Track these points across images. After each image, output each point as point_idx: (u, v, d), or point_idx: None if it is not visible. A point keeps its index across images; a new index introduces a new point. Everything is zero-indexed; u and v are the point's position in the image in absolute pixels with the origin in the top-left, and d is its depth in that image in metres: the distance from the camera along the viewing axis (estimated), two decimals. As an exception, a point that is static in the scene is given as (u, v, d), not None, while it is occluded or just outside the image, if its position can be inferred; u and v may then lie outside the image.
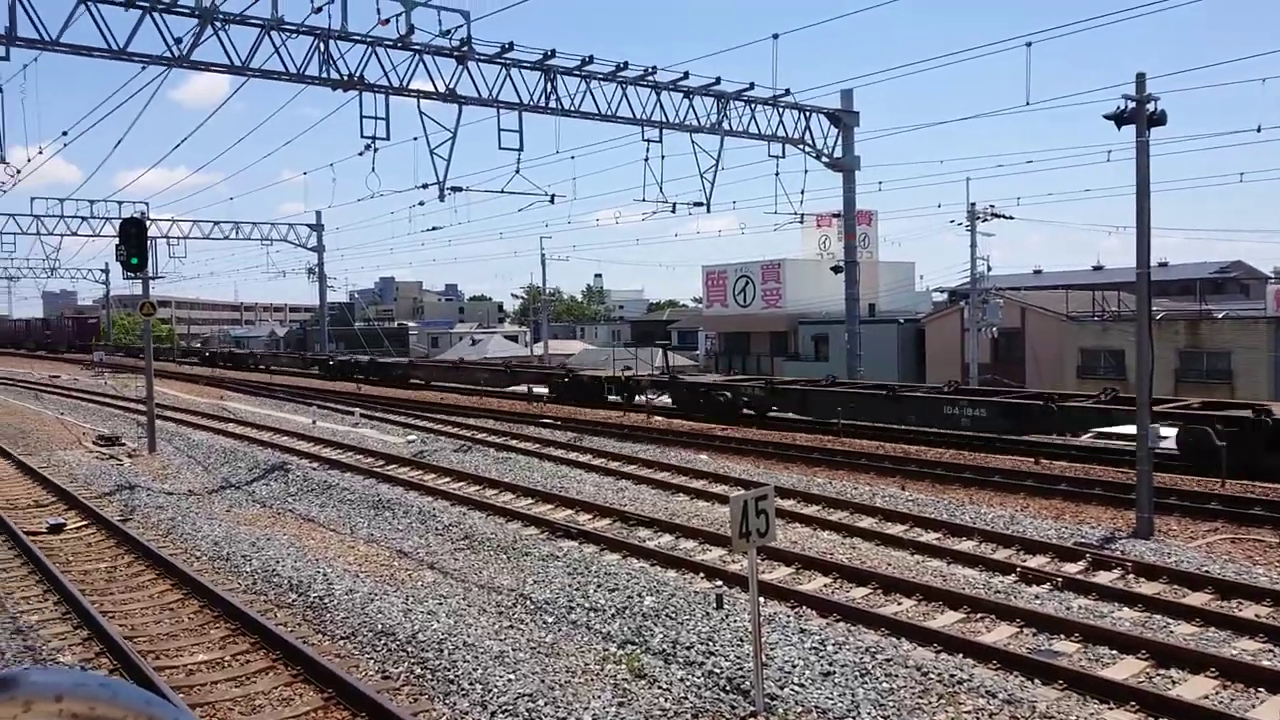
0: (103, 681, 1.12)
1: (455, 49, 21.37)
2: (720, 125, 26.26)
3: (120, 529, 13.90)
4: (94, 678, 1.12)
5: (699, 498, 15.99)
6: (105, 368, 52.17)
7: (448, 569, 11.84)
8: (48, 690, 1.06)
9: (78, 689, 1.08)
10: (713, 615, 9.61)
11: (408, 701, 7.81)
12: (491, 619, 9.77)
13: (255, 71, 19.25)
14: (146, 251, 21.58)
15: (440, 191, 22.88)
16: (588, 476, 18.12)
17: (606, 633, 9.29)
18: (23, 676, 1.07)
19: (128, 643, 9.16)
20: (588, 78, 23.78)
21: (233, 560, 12.45)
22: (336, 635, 9.49)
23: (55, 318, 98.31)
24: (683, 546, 12.89)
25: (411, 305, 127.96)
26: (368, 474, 18.63)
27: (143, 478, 18.90)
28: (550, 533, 13.63)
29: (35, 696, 1.05)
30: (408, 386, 40.34)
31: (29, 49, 17.10)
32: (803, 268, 53.65)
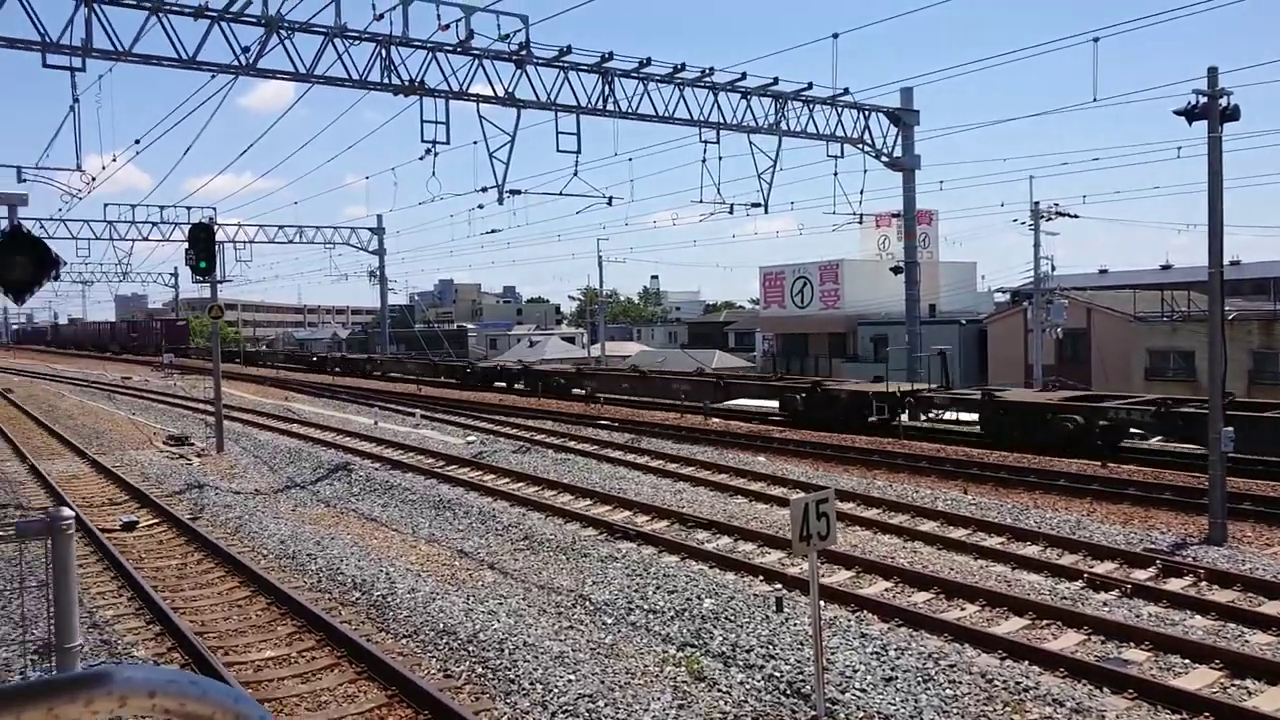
0: (193, 679, 1.16)
1: (514, 53, 21.55)
2: (778, 125, 26.14)
3: (190, 527, 14.24)
4: (185, 675, 1.15)
5: (757, 500, 15.92)
6: (174, 369, 53.47)
7: (508, 569, 11.94)
8: (142, 686, 1.10)
9: (170, 686, 1.12)
10: (772, 618, 9.57)
11: (469, 700, 7.89)
12: (551, 619, 9.83)
13: (319, 78, 19.60)
14: (214, 255, 22.08)
15: (499, 194, 23.10)
16: (645, 478, 18.14)
17: (666, 634, 9.30)
18: (116, 672, 1.10)
19: (198, 638, 9.38)
20: (645, 79, 23.82)
21: (298, 559, 12.68)
22: (399, 634, 9.62)
23: (143, 319, 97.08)
24: (741, 549, 12.85)
25: (470, 307, 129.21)
26: (429, 474, 18.85)
27: (211, 477, 19.34)
28: (609, 534, 13.67)
29: (130, 692, 1.09)
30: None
31: (104, 60, 17.60)
32: (861, 268, 53.18)
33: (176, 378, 48.81)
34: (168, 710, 1.11)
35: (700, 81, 24.55)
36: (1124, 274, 63.84)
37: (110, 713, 1.09)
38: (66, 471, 19.90)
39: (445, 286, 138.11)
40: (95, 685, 1.06)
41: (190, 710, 1.11)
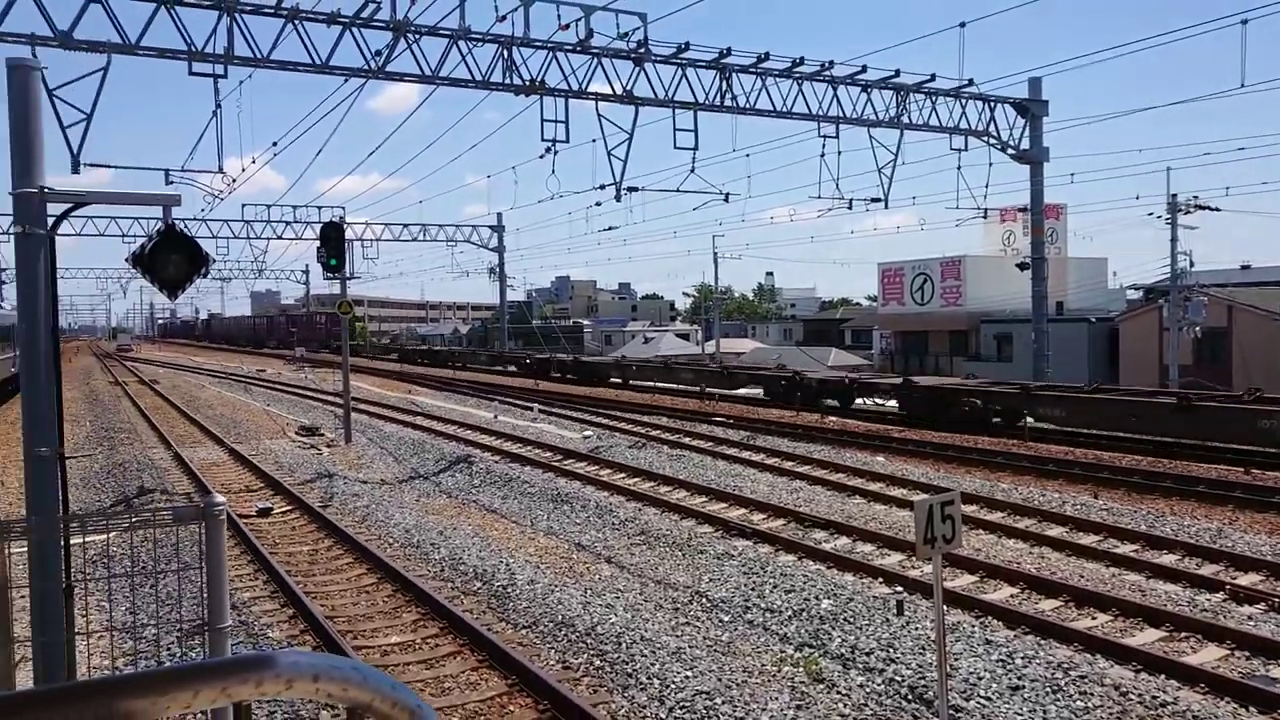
0: (354, 665, 1.20)
1: (632, 51, 21.68)
2: (899, 119, 25.63)
3: (321, 514, 14.80)
4: (347, 662, 1.20)
5: (876, 500, 15.65)
6: (305, 363, 55.67)
7: (625, 564, 12.03)
8: (307, 670, 1.14)
9: (333, 671, 1.16)
10: (893, 621, 9.39)
11: (587, 692, 7.98)
12: (668, 615, 9.87)
13: (444, 79, 20.10)
14: (344, 253, 22.90)
15: (617, 192, 23.28)
16: (761, 476, 18.03)
17: (783, 634, 9.22)
18: (280, 657, 1.15)
19: (329, 622, 9.74)
20: (763, 75, 23.66)
21: (422, 548, 13.05)
22: (519, 624, 9.80)
23: (303, 313, 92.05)
24: (860, 550, 12.65)
25: (586, 303, 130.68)
26: (547, 468, 19.14)
27: (340, 467, 20.06)
28: (725, 531, 13.64)
29: (296, 676, 1.14)
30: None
31: (244, 67, 18.44)
32: (984, 264, 51.71)
33: (307, 371, 50.81)
34: (330, 695, 1.15)
35: (819, 75, 24.26)
36: (1269, 270, 60.33)
37: (276, 694, 1.14)
38: (207, 459, 20.93)
39: (562, 283, 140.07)
40: (264, 668, 1.11)
41: (352, 696, 1.16)
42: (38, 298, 4.07)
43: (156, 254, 4.19)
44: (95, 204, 4.41)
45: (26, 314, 4.06)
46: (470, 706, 7.74)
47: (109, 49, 17.05)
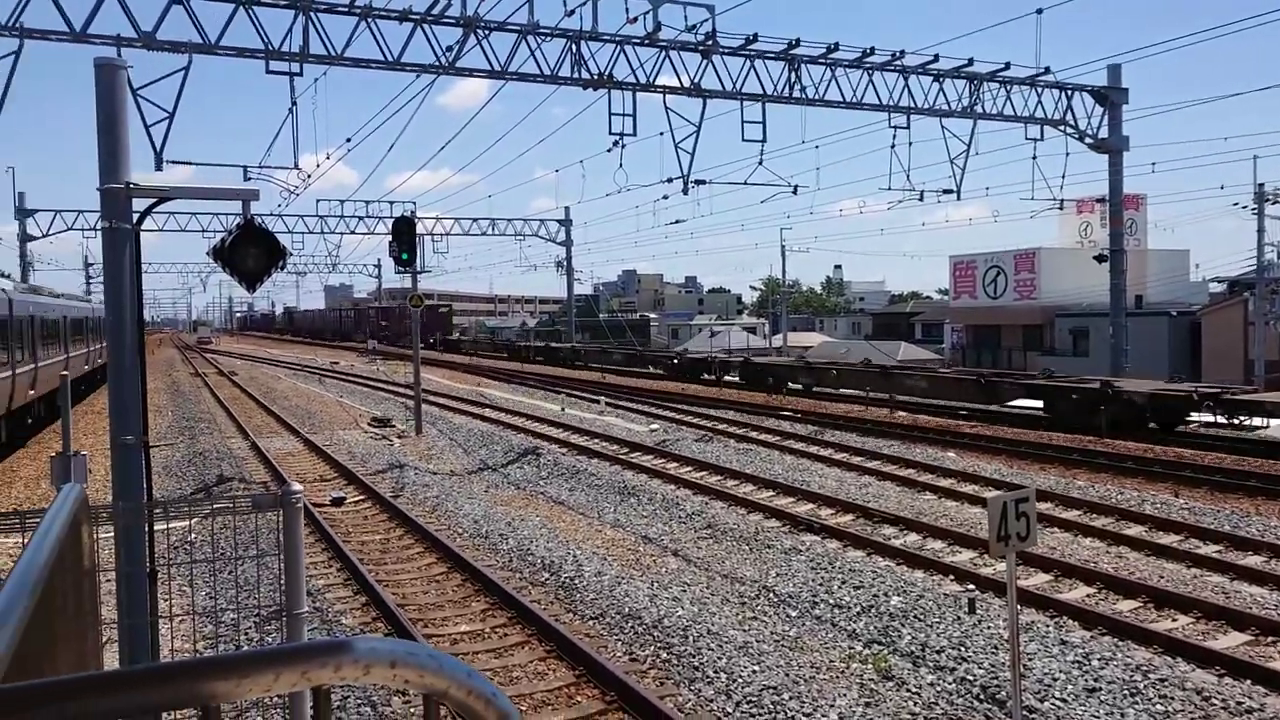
0: (431, 653, 1.20)
1: (700, 43, 21.61)
2: (972, 108, 25.16)
3: (392, 504, 15.05)
4: (423, 648, 1.20)
5: (947, 497, 15.41)
6: (378, 355, 56.65)
7: (691, 557, 12.02)
8: (385, 656, 1.15)
9: (410, 657, 1.17)
10: (964, 619, 9.24)
11: (654, 685, 7.99)
12: (735, 609, 9.83)
13: (513, 75, 20.26)
14: (415, 247, 23.22)
15: (684, 185, 23.25)
16: (829, 471, 17.87)
17: (852, 630, 9.13)
18: (357, 643, 1.16)
19: (400, 610, 9.90)
20: (833, 65, 23.42)
21: (491, 538, 13.19)
22: (586, 615, 9.85)
23: (395, 305, 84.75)
24: (930, 547, 12.46)
25: (652, 297, 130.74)
26: (613, 460, 19.21)
27: (410, 457, 20.37)
28: (793, 526, 13.55)
29: (375, 661, 1.15)
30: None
31: (319, 65, 18.79)
32: (1060, 257, 50.49)
33: (379, 363, 51.68)
34: (407, 681, 1.16)
35: (890, 65, 23.93)
36: (1364, 261, 57.87)
37: (355, 680, 1.15)
38: (283, 449, 21.41)
39: (628, 277, 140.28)
40: (343, 652, 1.12)
41: (428, 682, 1.16)
42: (124, 291, 4.19)
43: (236, 247, 4.29)
44: (178, 199, 4.51)
45: (113, 306, 4.19)
46: (538, 696, 7.80)
47: (190, 49, 17.51)
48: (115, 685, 1.02)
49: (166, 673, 1.05)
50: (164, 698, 1.05)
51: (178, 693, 1.04)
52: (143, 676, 1.05)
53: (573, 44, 20.71)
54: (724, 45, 21.90)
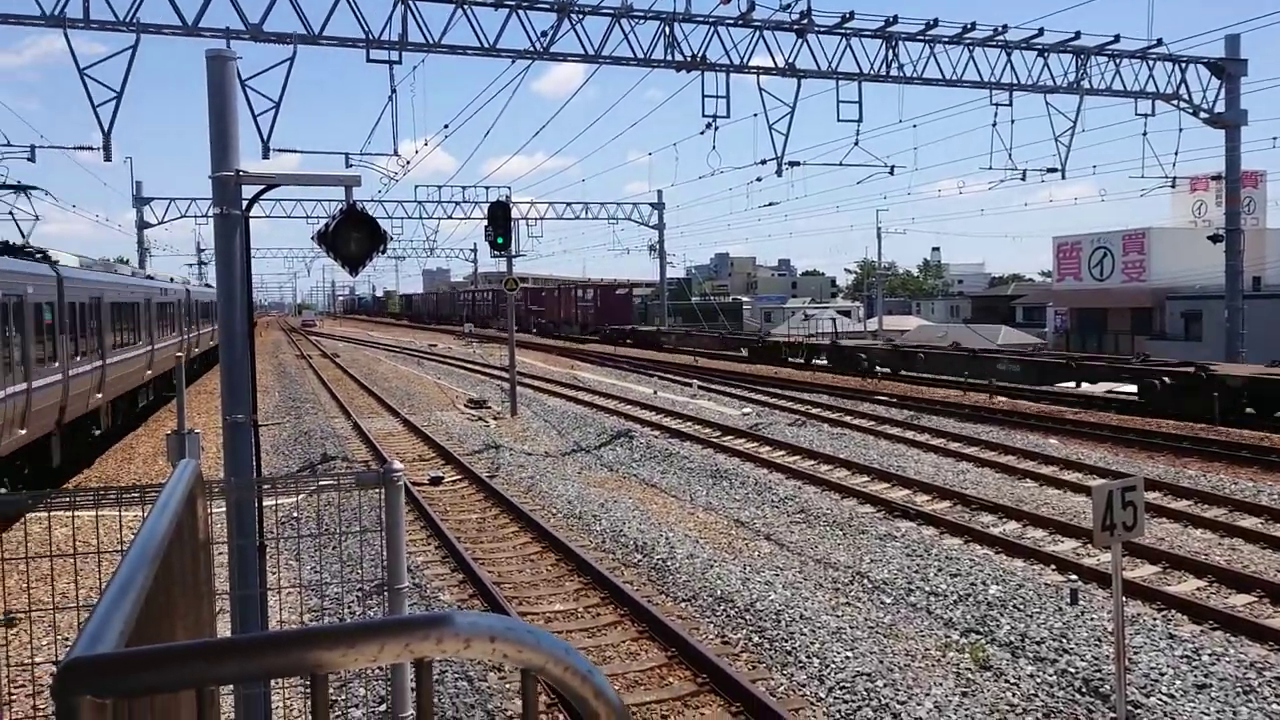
0: (529, 629, 1.23)
1: (795, 23, 21.35)
2: (1079, 84, 24.32)
3: (488, 484, 15.33)
4: (522, 624, 1.23)
5: (1048, 484, 15.00)
6: (474, 338, 57.66)
7: (784, 541, 11.97)
8: (485, 630, 1.18)
9: (509, 633, 1.20)
10: (1065, 610, 9.00)
11: (745, 668, 7.99)
12: (828, 594, 9.76)
13: (606, 59, 20.31)
14: (510, 232, 23.52)
15: (778, 166, 23.05)
16: (926, 456, 17.57)
17: (948, 619, 8.98)
18: (458, 617, 1.19)
19: (495, 587, 10.10)
20: (931, 42, 22.88)
21: (584, 519, 13.33)
22: (678, 597, 9.90)
23: (554, 288, 71.85)
24: (1030, 535, 12.16)
25: (745, 280, 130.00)
26: (705, 444, 19.22)
27: (506, 439, 20.71)
28: (887, 512, 13.37)
29: (475, 635, 1.18)
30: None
31: (417, 52, 19.14)
32: (1171, 237, 48.51)
33: (476, 345, 52.61)
34: (506, 655, 1.18)
35: (992, 41, 23.28)
36: None
37: (456, 653, 1.18)
38: (383, 429, 21.99)
39: (721, 260, 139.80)
40: (445, 625, 1.15)
41: (526, 657, 1.19)
42: (234, 275, 4.36)
43: (339, 232, 4.41)
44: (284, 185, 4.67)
45: (224, 290, 4.36)
46: (630, 676, 7.88)
47: (295, 40, 18.01)
48: (234, 651, 1.07)
49: (280, 640, 1.10)
50: (278, 665, 1.09)
51: (290, 660, 1.09)
52: (259, 643, 1.09)
53: (666, 26, 20.67)
54: (819, 24, 21.59)
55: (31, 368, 13.69)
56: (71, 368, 15.69)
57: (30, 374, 13.65)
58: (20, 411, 13.29)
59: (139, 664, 1.07)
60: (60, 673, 1.02)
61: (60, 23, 16.99)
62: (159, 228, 51.05)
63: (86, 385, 16.85)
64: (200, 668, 1.06)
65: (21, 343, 13.40)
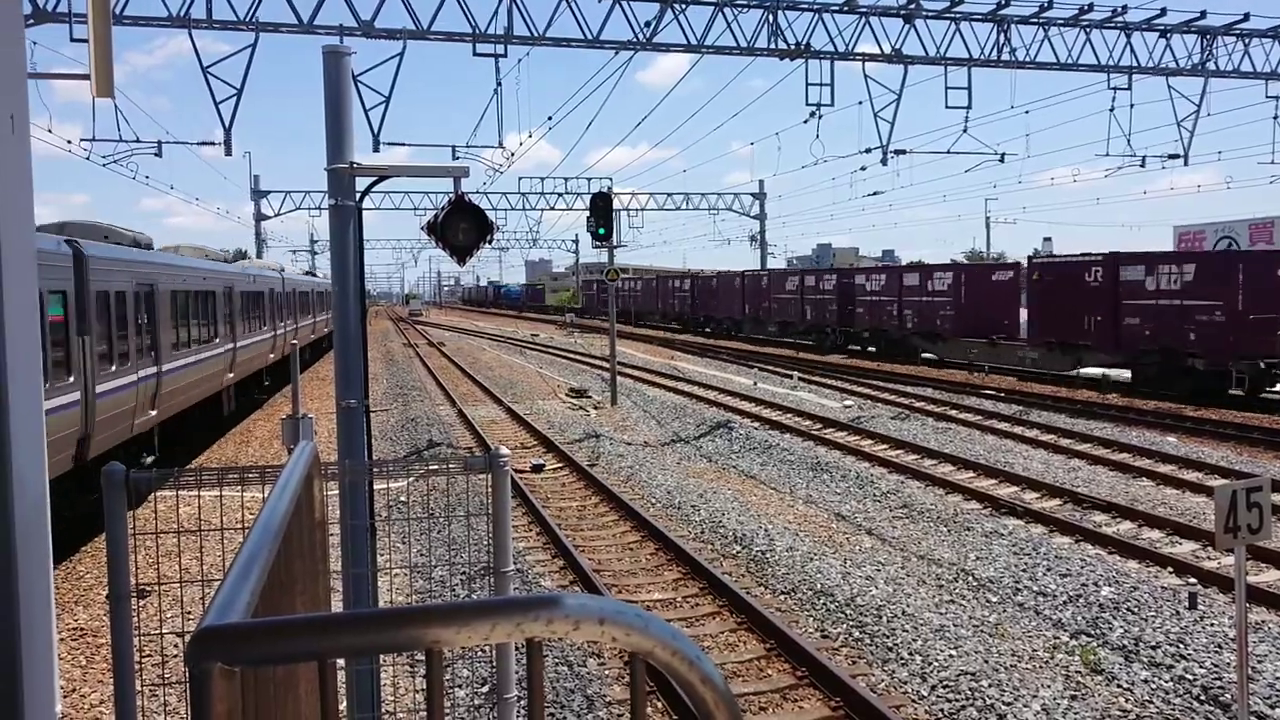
0: (638, 612, 1.24)
1: (902, 8, 20.92)
2: (1204, 65, 23.23)
3: (588, 473, 15.48)
4: (630, 608, 1.24)
5: (1165, 484, 14.42)
6: (575, 328, 58.25)
7: (885, 536, 11.79)
8: (594, 613, 1.20)
9: (618, 615, 1.21)
10: (1183, 615, 8.66)
11: (846, 663, 7.91)
12: (931, 591, 9.58)
13: (710, 48, 20.24)
14: (612, 222, 23.66)
15: (883, 155, 22.63)
16: (1035, 453, 17.07)
17: (1057, 620, 8.73)
18: (566, 598, 1.21)
19: (595, 575, 10.21)
20: (1045, 25, 22.15)
21: (683, 509, 13.36)
22: (778, 590, 9.84)
23: (714, 275, 54.88)
24: (1146, 536, 11.71)
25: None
26: (806, 436, 19.04)
27: (605, 428, 20.87)
28: (994, 509, 13.04)
29: (584, 617, 1.19)
30: None
31: (522, 45, 19.39)
32: (1305, 226, 45.99)
33: (576, 335, 53.13)
34: (614, 639, 1.20)
35: (1110, 22, 22.41)
36: None
37: (564, 634, 1.20)
38: (486, 417, 22.40)
39: (823, 250, 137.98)
40: (554, 607, 1.17)
41: (634, 641, 1.20)
42: (348, 265, 4.49)
43: (448, 222, 4.51)
44: (395, 177, 4.79)
45: (339, 279, 4.50)
46: (729, 667, 7.88)
47: (404, 35, 18.44)
48: (356, 624, 1.11)
49: (398, 616, 1.14)
50: (397, 639, 1.13)
51: (408, 635, 1.12)
52: (381, 618, 1.13)
53: (770, 14, 20.48)
54: (927, 9, 21.10)
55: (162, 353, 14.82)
56: None
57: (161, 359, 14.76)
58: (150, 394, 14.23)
59: (267, 634, 1.12)
60: (193, 641, 1.07)
61: (185, 23, 17.75)
62: (275, 219, 52.95)
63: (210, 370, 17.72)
64: (323, 639, 1.11)
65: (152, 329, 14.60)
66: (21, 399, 2.00)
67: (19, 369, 1.99)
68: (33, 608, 2.01)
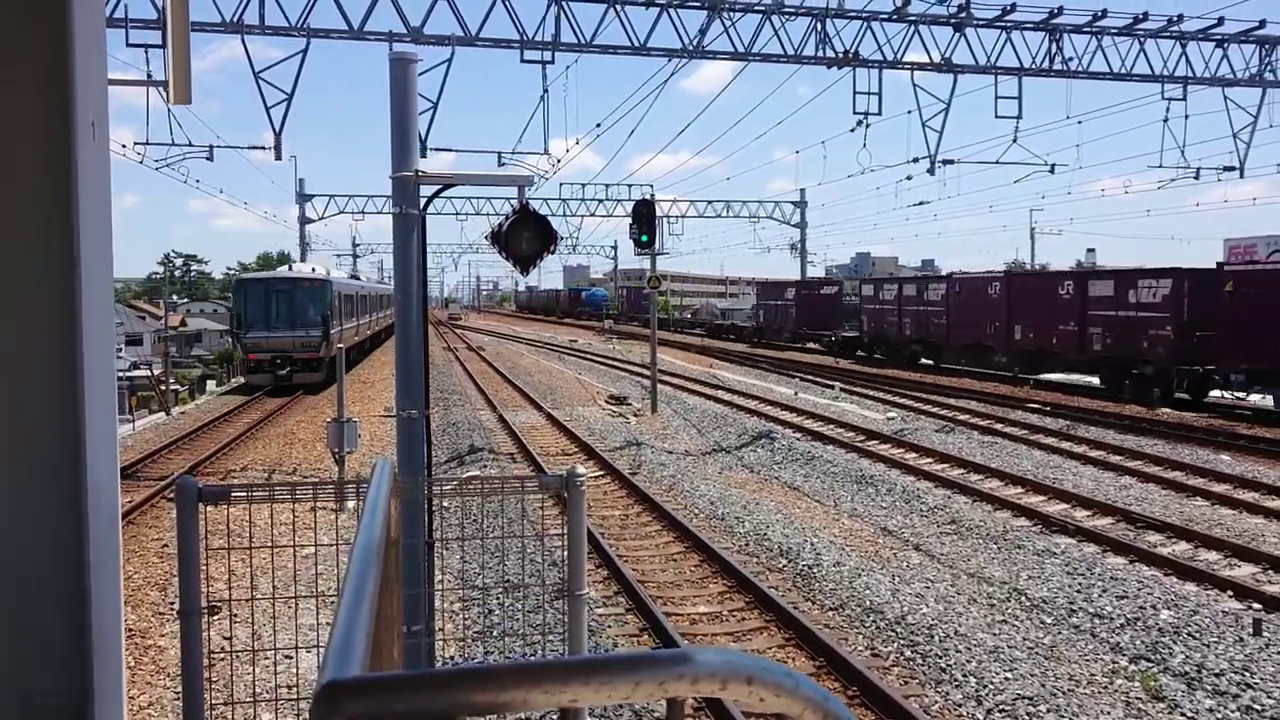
0: (787, 671, 1.15)
1: (952, 16, 20.69)
2: (1262, 75, 22.76)
3: (630, 481, 15.39)
4: (779, 666, 1.15)
5: (1221, 504, 14.08)
6: (614, 334, 58.23)
7: (934, 552, 11.59)
8: (739, 671, 1.11)
9: (765, 674, 1.12)
10: (1248, 641, 8.40)
11: (898, 683, 7.76)
12: (983, 610, 9.39)
13: (757, 56, 20.13)
14: (654, 229, 23.57)
15: (931, 164, 22.39)
16: (1084, 469, 16.75)
17: (1115, 644, 8.51)
18: (706, 655, 1.12)
19: (640, 586, 10.11)
20: (1099, 34, 21.82)
21: (726, 520, 13.24)
22: (825, 605, 9.70)
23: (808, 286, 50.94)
24: (1203, 558, 11.41)
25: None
26: (849, 448, 18.82)
27: (646, 436, 20.78)
28: (1045, 526, 12.78)
29: (730, 676, 1.11)
30: None
31: (569, 52, 19.39)
32: (1361, 240, 44.95)
33: (615, 342, 53.11)
34: (761, 699, 1.11)
35: (1165, 32, 22.04)
36: None
37: (710, 694, 1.12)
38: (526, 422, 22.39)
39: (861, 259, 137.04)
40: (698, 665, 1.09)
41: (783, 704, 1.11)
42: (411, 273, 4.45)
43: (512, 231, 4.44)
44: (461, 185, 4.74)
45: (402, 287, 4.45)
46: (778, 684, 7.74)
47: (453, 41, 18.51)
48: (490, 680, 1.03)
49: (538, 671, 1.06)
50: (531, 698, 1.05)
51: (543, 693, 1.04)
52: (517, 672, 1.05)
53: (818, 22, 20.34)
54: (978, 17, 20.86)
55: None
56: None
57: None
58: None
59: (394, 689, 1.04)
60: (320, 698, 1.00)
61: (239, 28, 17.93)
62: (319, 223, 53.43)
63: None
64: (454, 696, 1.03)
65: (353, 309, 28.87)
66: (98, 410, 1.94)
67: (95, 375, 1.93)
68: (103, 625, 1.95)
